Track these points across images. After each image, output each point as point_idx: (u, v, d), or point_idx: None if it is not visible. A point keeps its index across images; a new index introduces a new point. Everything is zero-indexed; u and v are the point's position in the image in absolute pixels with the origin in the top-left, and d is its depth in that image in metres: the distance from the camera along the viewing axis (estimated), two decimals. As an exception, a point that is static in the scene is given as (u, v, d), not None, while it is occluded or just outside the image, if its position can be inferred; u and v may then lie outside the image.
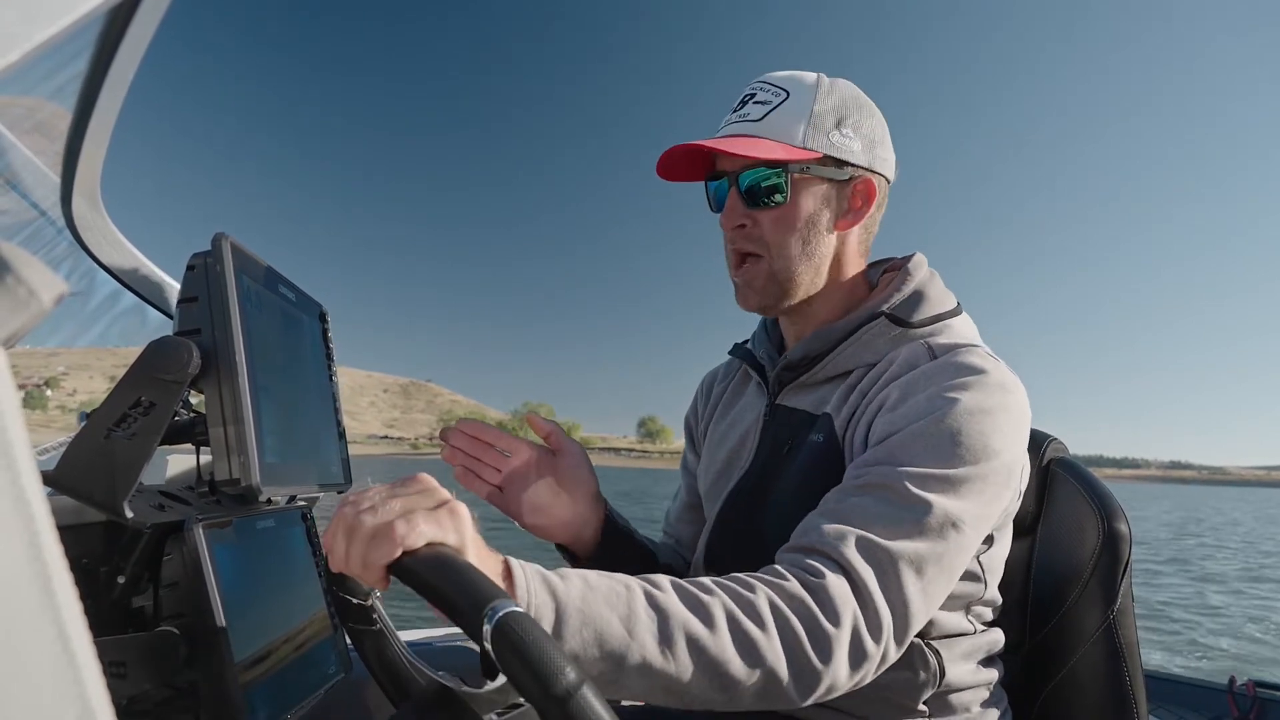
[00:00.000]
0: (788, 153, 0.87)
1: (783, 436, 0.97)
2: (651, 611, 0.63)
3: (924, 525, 0.72)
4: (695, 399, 1.24)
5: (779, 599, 0.67)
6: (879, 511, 0.73)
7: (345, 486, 1.01)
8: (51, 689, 0.22)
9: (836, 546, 0.71)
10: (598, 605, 0.61)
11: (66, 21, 0.27)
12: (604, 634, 0.61)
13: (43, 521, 0.22)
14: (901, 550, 0.71)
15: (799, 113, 0.88)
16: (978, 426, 0.76)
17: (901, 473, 0.75)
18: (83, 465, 0.66)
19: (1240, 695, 2.05)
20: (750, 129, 0.89)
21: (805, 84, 0.89)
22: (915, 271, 0.96)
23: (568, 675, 0.46)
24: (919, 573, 0.71)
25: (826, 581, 0.68)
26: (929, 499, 0.73)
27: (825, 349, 0.94)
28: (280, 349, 0.86)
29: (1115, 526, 0.97)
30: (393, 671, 0.87)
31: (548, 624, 0.59)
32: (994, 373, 0.81)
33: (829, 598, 0.67)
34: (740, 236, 0.93)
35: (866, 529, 0.72)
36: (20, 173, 0.91)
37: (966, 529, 0.74)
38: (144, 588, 0.74)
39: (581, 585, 0.62)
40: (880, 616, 0.69)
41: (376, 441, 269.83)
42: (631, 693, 0.64)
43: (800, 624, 0.66)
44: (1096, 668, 0.96)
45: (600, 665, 0.61)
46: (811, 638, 0.66)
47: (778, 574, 0.70)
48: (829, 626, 0.66)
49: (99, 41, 0.65)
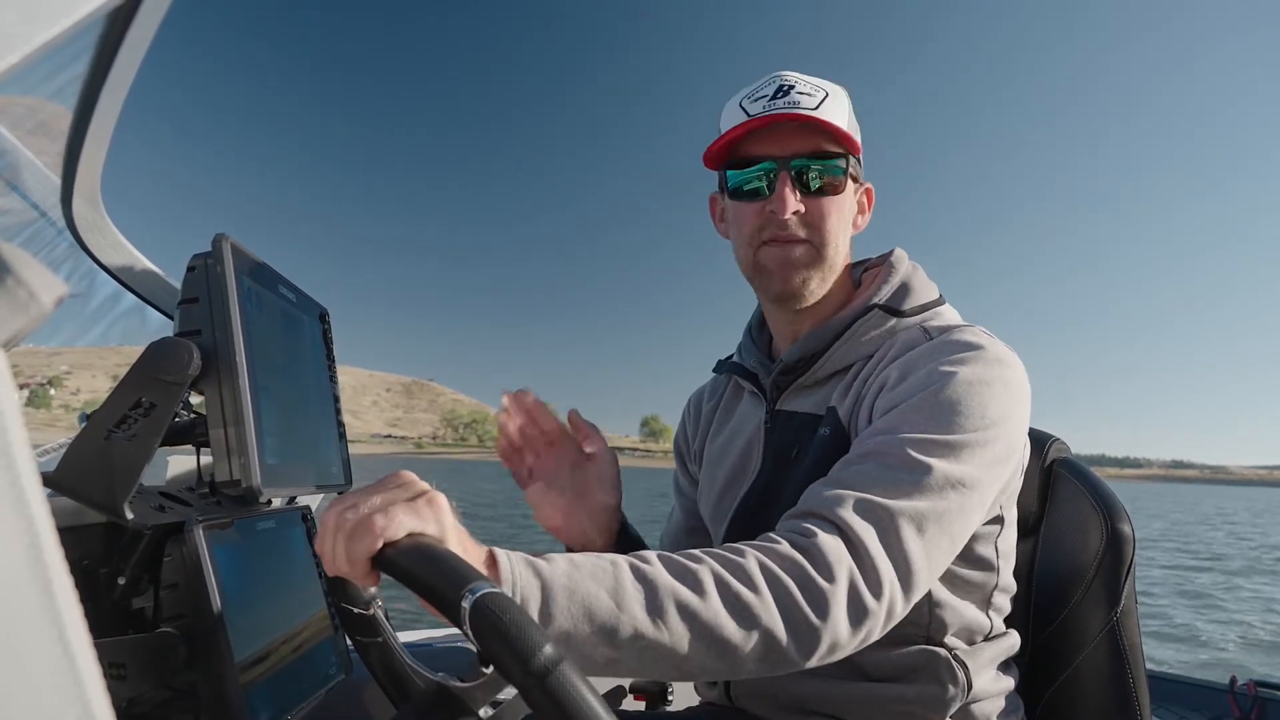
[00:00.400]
0: (854, 143, 0.89)
1: (788, 441, 0.96)
2: (638, 583, 0.63)
3: (923, 485, 0.72)
4: (683, 421, 1.23)
5: (769, 560, 0.66)
6: (878, 475, 0.73)
7: (345, 487, 1.01)
8: (51, 690, 0.22)
9: (832, 508, 0.71)
10: (584, 582, 0.61)
11: (67, 23, 0.27)
12: (592, 609, 0.60)
13: (43, 523, 0.22)
14: (900, 508, 0.70)
15: (842, 111, 0.89)
16: (977, 397, 0.77)
17: (901, 439, 0.75)
18: (83, 466, 0.66)
19: (1241, 695, 2.05)
20: (810, 114, 0.87)
21: (835, 88, 0.91)
22: (899, 264, 0.97)
23: (545, 651, 0.45)
24: (919, 530, 0.71)
25: (819, 540, 0.68)
26: (928, 461, 0.73)
27: (821, 347, 0.94)
28: (281, 350, 0.86)
29: (1118, 527, 0.97)
30: (394, 675, 0.87)
31: (535, 604, 0.59)
32: (991, 348, 0.82)
33: (821, 555, 0.67)
34: (792, 223, 0.89)
35: (866, 491, 0.71)
36: (21, 174, 0.91)
37: (967, 490, 0.73)
38: (144, 589, 0.74)
39: (567, 564, 0.62)
40: (879, 572, 0.68)
41: (381, 441, 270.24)
42: (632, 668, 0.64)
43: (793, 582, 0.65)
44: (1100, 669, 0.96)
45: (594, 642, 0.61)
46: (806, 594, 0.65)
47: (769, 539, 0.70)
48: (823, 583, 0.66)
49: (100, 43, 0.65)
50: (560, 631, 0.60)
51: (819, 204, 0.90)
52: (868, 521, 0.70)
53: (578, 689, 0.45)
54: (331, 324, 1.05)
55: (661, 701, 1.35)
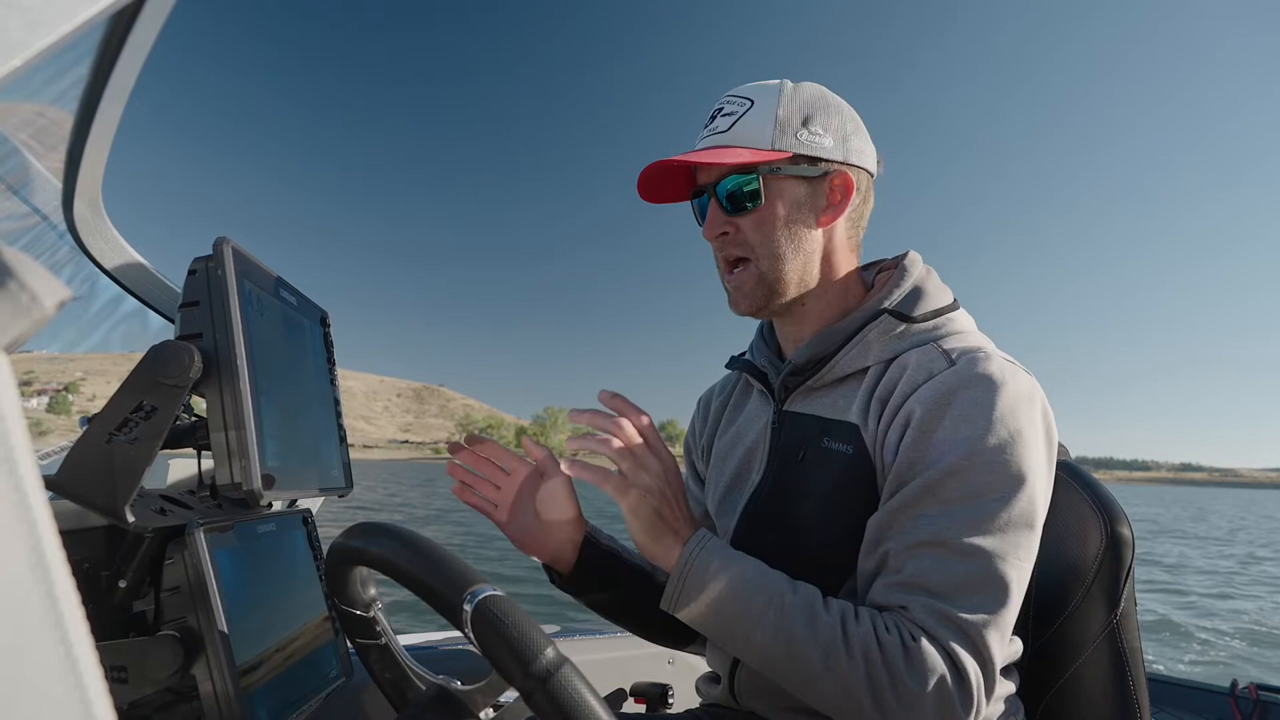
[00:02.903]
0: (756, 156, 0.89)
1: (794, 442, 0.96)
2: (768, 607, 0.79)
3: (988, 578, 0.77)
4: (693, 420, 1.24)
5: (878, 643, 0.75)
6: (943, 578, 0.77)
7: (346, 490, 1.01)
8: (53, 694, 0.22)
9: (927, 622, 0.76)
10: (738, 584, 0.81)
11: (68, 28, 0.27)
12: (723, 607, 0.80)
13: (44, 526, 0.22)
14: (979, 620, 0.76)
15: (764, 118, 0.90)
16: (1012, 454, 0.79)
17: (951, 525, 0.78)
18: (84, 470, 0.66)
19: (1243, 698, 2.04)
20: (721, 140, 0.91)
21: (768, 90, 0.92)
22: (912, 268, 0.97)
23: (547, 654, 0.45)
24: (999, 628, 0.77)
25: (921, 648, 0.74)
26: (985, 549, 0.77)
27: (831, 350, 0.94)
28: (281, 353, 0.87)
29: (1118, 530, 0.97)
30: (395, 677, 0.87)
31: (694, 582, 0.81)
32: (1013, 383, 0.83)
33: (922, 662, 0.74)
34: (726, 244, 0.94)
35: (937, 598, 0.77)
36: (22, 177, 0.91)
37: (1023, 562, 0.79)
38: (145, 592, 0.74)
39: (737, 569, 0.81)
40: (972, 688, 0.75)
41: (398, 446, 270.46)
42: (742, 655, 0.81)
43: (888, 675, 0.74)
44: (1100, 673, 0.96)
45: (715, 629, 0.82)
46: (895, 691, 0.73)
47: (885, 620, 0.77)
48: (915, 688, 0.73)
49: (101, 47, 0.65)
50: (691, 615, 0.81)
51: (746, 220, 0.92)
52: (956, 639, 0.76)
53: (579, 692, 0.45)
54: (337, 328, 1.05)
55: (662, 704, 1.35)
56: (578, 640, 1.75)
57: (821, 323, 0.98)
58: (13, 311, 0.21)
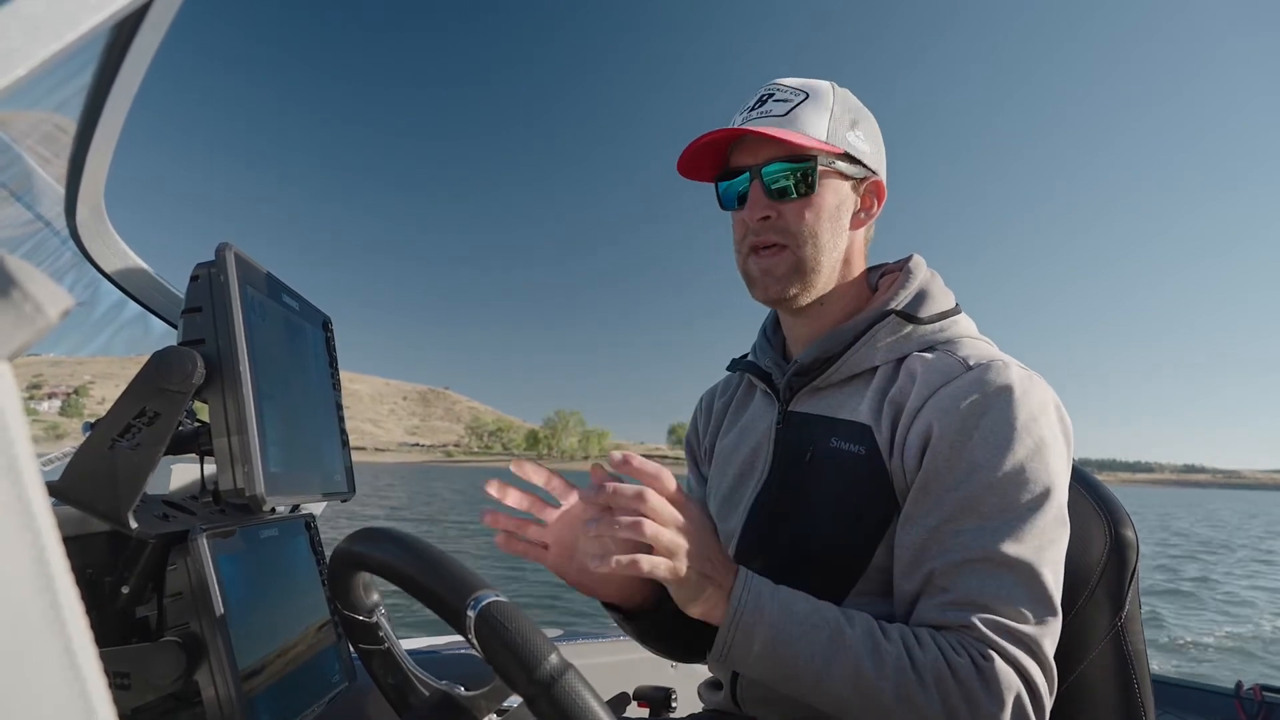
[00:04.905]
0: (819, 145, 0.89)
1: (801, 443, 0.96)
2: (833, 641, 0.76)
3: (1036, 587, 0.78)
4: (694, 420, 1.23)
5: (948, 668, 0.75)
6: (996, 592, 0.78)
7: (349, 495, 1.01)
8: (56, 700, 0.22)
9: (994, 640, 0.77)
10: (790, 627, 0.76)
11: (71, 38, 0.27)
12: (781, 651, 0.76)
13: (47, 532, 0.22)
14: (1038, 631, 0.78)
15: (821, 111, 0.90)
16: (1040, 463, 0.81)
17: (994, 539, 0.79)
18: (87, 476, 0.66)
19: (1247, 700, 2.03)
20: (776, 123, 0.89)
21: (820, 87, 0.92)
22: (917, 271, 0.97)
23: (550, 660, 0.45)
24: (1052, 635, 0.79)
25: (996, 667, 0.75)
26: (1029, 559, 0.79)
27: (838, 350, 0.94)
28: (284, 358, 0.87)
29: (1122, 533, 0.96)
30: (397, 682, 0.87)
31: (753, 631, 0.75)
32: (1034, 392, 0.84)
33: (997, 683, 0.75)
34: (765, 228, 0.92)
35: (997, 614, 0.78)
36: (25, 184, 0.92)
37: (1060, 565, 0.81)
38: (148, 598, 0.74)
39: (784, 606, 0.77)
40: (1042, 697, 0.77)
41: (409, 449, 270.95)
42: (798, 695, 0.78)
43: (965, 702, 0.74)
44: (1104, 675, 0.95)
45: (776, 677, 0.77)
46: (972, 713, 0.74)
47: (947, 641, 0.77)
48: (992, 709, 0.74)
49: (104, 54, 0.65)
50: (754, 658, 0.76)
51: (790, 207, 0.91)
52: (1022, 651, 0.77)
53: (583, 697, 0.45)
54: (341, 331, 1.05)
55: (665, 708, 1.34)
56: (580, 644, 1.75)
57: (832, 324, 0.98)
58: (16, 320, 0.21)
